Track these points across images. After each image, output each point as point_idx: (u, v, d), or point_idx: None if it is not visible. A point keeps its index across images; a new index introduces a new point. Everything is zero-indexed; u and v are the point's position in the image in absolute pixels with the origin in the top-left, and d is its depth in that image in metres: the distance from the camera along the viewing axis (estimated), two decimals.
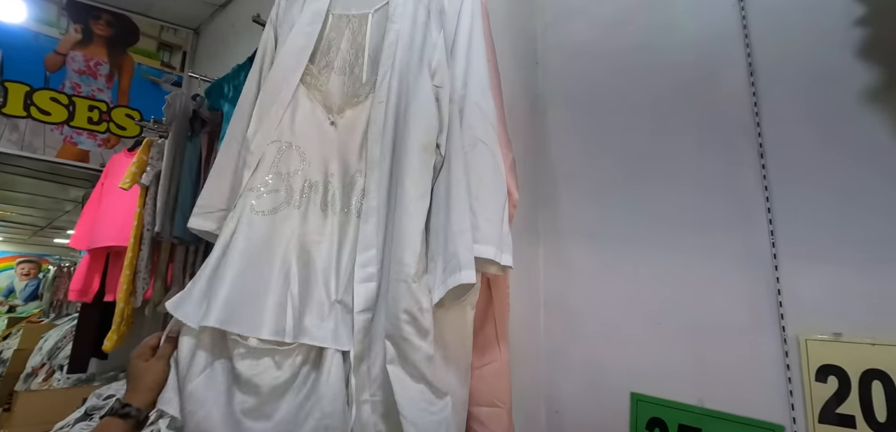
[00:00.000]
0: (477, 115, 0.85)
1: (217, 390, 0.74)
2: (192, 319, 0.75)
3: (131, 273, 1.76)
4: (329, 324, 0.79)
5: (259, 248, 0.81)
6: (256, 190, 0.85)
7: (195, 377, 0.74)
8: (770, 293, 0.94)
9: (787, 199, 0.95)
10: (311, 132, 0.89)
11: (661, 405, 1.07)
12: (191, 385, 0.73)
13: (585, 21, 1.34)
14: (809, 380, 0.88)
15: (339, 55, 0.95)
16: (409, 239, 0.74)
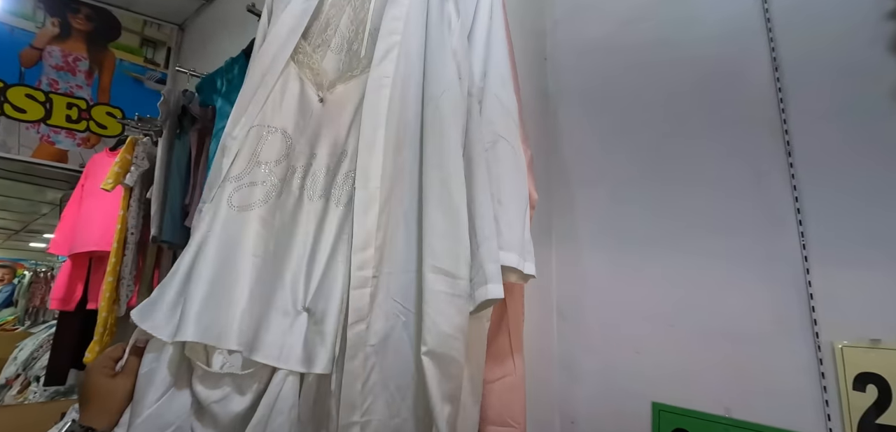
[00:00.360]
0: (497, 109, 0.79)
1: (172, 422, 0.65)
2: (164, 331, 0.66)
3: (115, 279, 1.66)
4: (291, 339, 0.69)
5: (234, 247, 0.73)
6: (234, 180, 0.76)
7: (150, 404, 0.64)
8: (801, 298, 0.90)
9: (818, 200, 0.91)
10: (299, 113, 0.81)
11: (685, 415, 1.02)
12: (144, 413, 0.64)
13: (597, 16, 1.29)
14: (847, 390, 0.84)
15: (338, 32, 0.86)
16: (463, 245, 0.66)
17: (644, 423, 1.06)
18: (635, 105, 1.17)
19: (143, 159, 1.67)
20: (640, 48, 1.19)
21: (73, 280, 2.05)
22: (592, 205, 1.20)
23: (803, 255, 0.91)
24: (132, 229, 1.70)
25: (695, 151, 1.06)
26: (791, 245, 0.92)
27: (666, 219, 1.08)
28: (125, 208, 1.70)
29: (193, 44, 3.09)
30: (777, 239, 0.93)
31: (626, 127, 1.18)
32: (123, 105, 3.01)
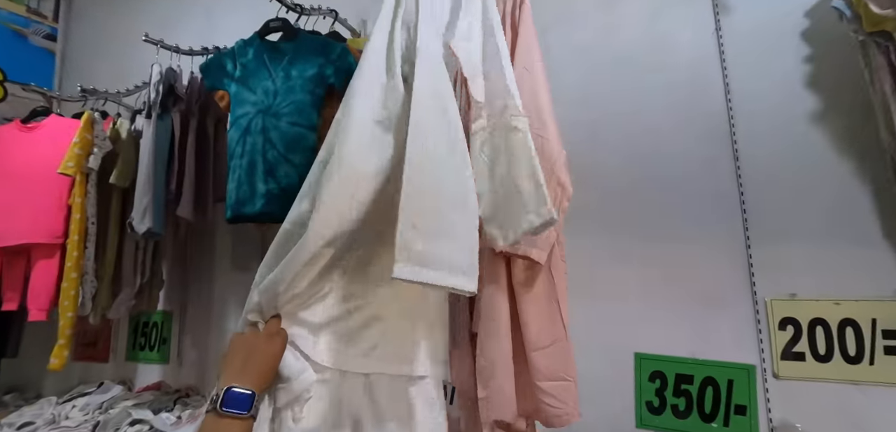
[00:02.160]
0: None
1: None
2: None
3: (78, 275, 1.46)
4: None
5: None
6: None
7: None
8: (745, 270, 1.25)
9: (757, 200, 1.25)
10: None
11: (660, 360, 1.33)
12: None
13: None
14: (774, 330, 1.21)
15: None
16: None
17: (629, 369, 1.34)
18: (618, 113, 1.42)
19: (104, 140, 1.47)
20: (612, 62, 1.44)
21: None
22: (585, 200, 1.44)
23: (746, 241, 1.25)
24: (92, 218, 1.49)
25: (669, 155, 1.35)
26: (738, 234, 1.25)
27: (649, 211, 1.36)
28: (82, 195, 1.48)
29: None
30: (728, 230, 1.26)
31: (613, 129, 1.42)
32: (4, 64, 2.48)
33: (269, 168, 1.10)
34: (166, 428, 1.46)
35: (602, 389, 1.33)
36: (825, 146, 1.20)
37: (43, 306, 1.63)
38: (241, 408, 0.63)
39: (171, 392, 1.79)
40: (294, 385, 0.69)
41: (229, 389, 0.63)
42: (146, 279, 1.64)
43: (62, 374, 2.25)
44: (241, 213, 1.11)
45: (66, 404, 1.72)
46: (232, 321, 1.80)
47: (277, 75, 1.18)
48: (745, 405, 1.22)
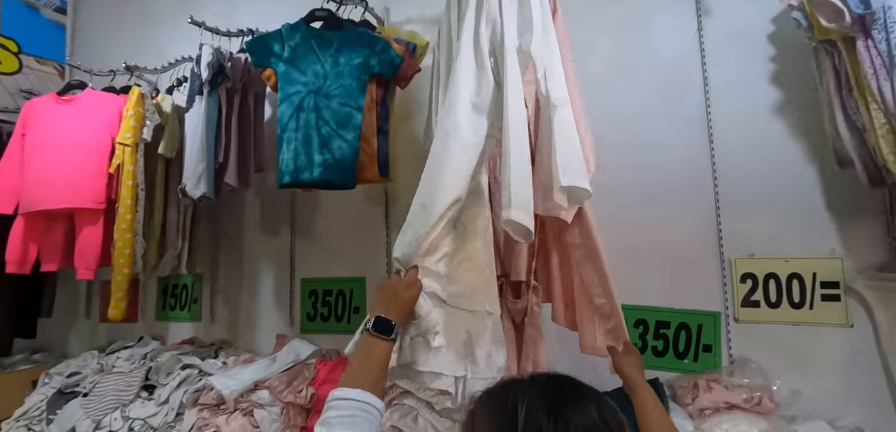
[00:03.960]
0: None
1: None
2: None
3: (133, 236, 1.62)
4: None
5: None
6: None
7: (429, 311, 0.95)
8: (715, 233, 1.50)
9: (727, 174, 1.51)
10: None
11: (642, 309, 1.59)
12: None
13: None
14: (736, 283, 1.48)
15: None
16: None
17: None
18: (614, 96, 1.64)
19: (153, 113, 1.61)
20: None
21: (27, 240, 1.83)
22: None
23: (717, 211, 1.50)
24: (141, 185, 1.64)
25: (655, 145, 1.58)
26: (710, 205, 1.51)
27: (636, 189, 1.59)
28: (133, 164, 1.61)
29: None
30: (703, 202, 1.51)
31: (609, 117, 1.65)
32: (17, 35, 2.52)
33: (323, 141, 1.29)
34: (214, 371, 1.65)
35: None
36: (783, 133, 1.45)
37: (91, 266, 1.78)
38: (386, 333, 0.83)
39: (206, 345, 1.97)
40: (423, 322, 0.91)
41: (378, 317, 0.84)
42: (187, 242, 1.80)
43: (89, 336, 2.41)
44: (299, 179, 1.29)
45: (111, 356, 1.88)
46: (262, 280, 1.98)
47: (326, 60, 1.35)
48: (711, 344, 1.49)
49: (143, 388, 1.63)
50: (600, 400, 0.58)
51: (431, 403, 1.22)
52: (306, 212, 1.90)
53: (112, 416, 1.52)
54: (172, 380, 1.62)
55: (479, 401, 0.63)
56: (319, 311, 1.82)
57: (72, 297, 2.45)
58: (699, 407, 1.34)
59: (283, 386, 1.46)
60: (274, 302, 1.94)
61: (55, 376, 1.80)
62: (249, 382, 1.48)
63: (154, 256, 1.72)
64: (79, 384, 1.72)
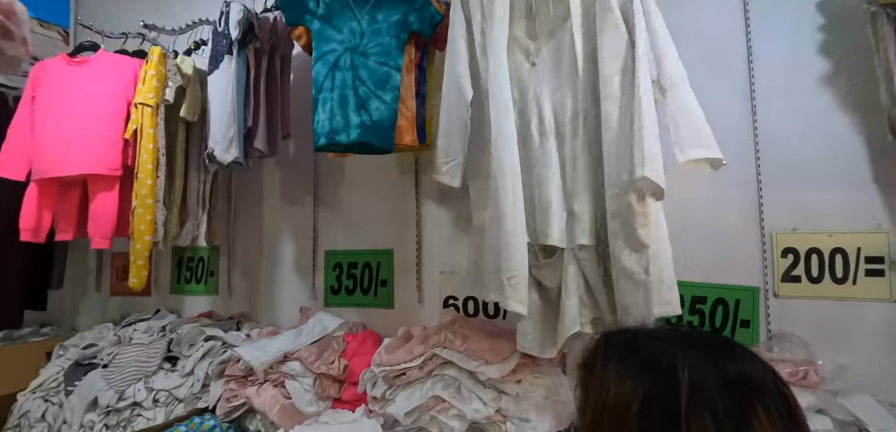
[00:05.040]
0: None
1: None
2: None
3: (154, 202, 1.55)
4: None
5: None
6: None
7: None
8: (755, 208, 1.48)
9: (770, 146, 1.47)
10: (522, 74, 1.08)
11: (679, 285, 1.56)
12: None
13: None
14: (777, 257, 1.45)
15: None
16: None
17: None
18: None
19: (175, 74, 1.54)
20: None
21: (42, 208, 1.76)
22: None
23: (758, 184, 1.47)
24: (162, 149, 1.57)
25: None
26: (751, 178, 1.47)
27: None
28: (154, 127, 1.54)
29: None
30: (744, 175, 1.48)
31: None
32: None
33: (360, 102, 1.23)
34: (238, 343, 1.60)
35: None
36: (830, 105, 1.41)
37: (106, 234, 1.72)
38: None
39: (224, 319, 1.92)
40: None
41: None
42: (207, 211, 1.74)
43: (100, 309, 2.35)
44: (336, 141, 1.23)
45: (127, 328, 1.83)
46: (283, 252, 1.93)
47: (362, 17, 1.29)
48: (749, 319, 1.47)
49: (165, 359, 1.58)
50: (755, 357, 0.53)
51: (475, 373, 1.19)
52: (330, 181, 1.85)
53: (135, 387, 1.47)
54: (196, 352, 1.57)
55: (611, 359, 0.55)
56: (344, 284, 1.78)
57: (81, 270, 2.38)
58: None
59: (313, 358, 1.43)
60: (295, 274, 1.90)
61: (71, 348, 1.75)
62: (278, 353, 1.44)
63: (174, 225, 1.66)
64: (96, 356, 1.67)
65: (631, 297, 1.05)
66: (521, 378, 1.18)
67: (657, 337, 0.58)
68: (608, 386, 0.53)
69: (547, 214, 1.09)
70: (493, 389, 1.18)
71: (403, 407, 1.20)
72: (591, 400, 0.55)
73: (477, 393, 1.16)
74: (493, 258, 1.06)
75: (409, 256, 1.68)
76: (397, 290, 1.70)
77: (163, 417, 1.43)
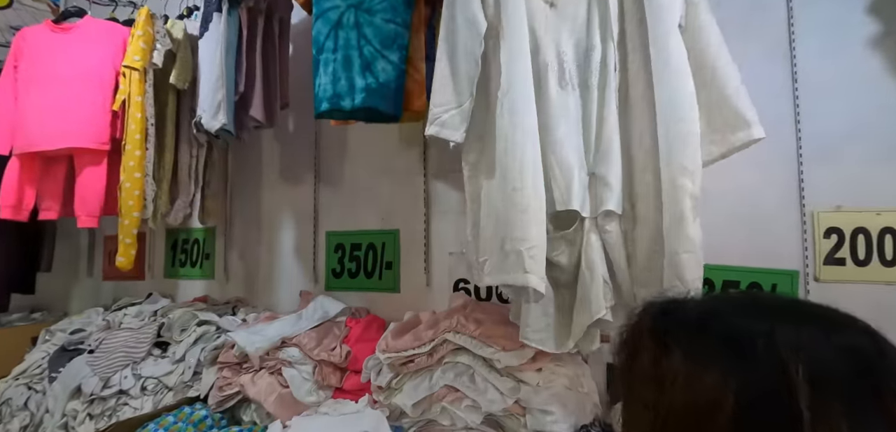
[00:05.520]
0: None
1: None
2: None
3: (143, 175, 1.44)
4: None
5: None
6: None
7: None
8: (795, 185, 1.35)
9: (812, 117, 1.34)
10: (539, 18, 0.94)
11: (709, 268, 1.43)
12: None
13: None
14: (819, 238, 1.33)
15: None
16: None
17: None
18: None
19: (164, 36, 1.42)
20: None
21: (23, 184, 1.66)
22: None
23: (799, 159, 1.35)
24: (151, 119, 1.46)
25: None
26: (791, 152, 1.35)
27: None
28: (141, 94, 1.43)
29: None
30: (783, 148, 1.35)
31: None
32: None
33: (366, 63, 1.11)
34: (234, 328, 1.50)
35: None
36: (880, 70, 1.29)
37: (93, 212, 1.61)
38: None
39: (220, 303, 1.82)
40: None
41: None
42: (200, 187, 1.63)
43: (92, 294, 2.25)
44: (339, 106, 1.12)
45: (117, 312, 1.73)
46: (282, 234, 1.81)
47: None
48: None
49: (155, 345, 1.48)
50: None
51: (491, 361, 1.08)
52: (332, 157, 1.73)
53: (122, 374, 1.37)
54: (188, 337, 1.47)
55: (672, 341, 0.39)
56: (347, 267, 1.66)
57: (73, 252, 2.28)
58: None
59: (313, 344, 1.32)
60: (295, 257, 1.79)
61: (57, 333, 1.65)
62: (276, 339, 1.33)
63: (165, 202, 1.55)
64: (83, 341, 1.57)
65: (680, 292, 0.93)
66: (541, 366, 1.06)
67: (732, 308, 0.43)
68: (673, 379, 0.38)
69: (566, 175, 0.94)
70: (510, 378, 1.06)
71: (411, 397, 1.09)
72: (644, 399, 0.40)
73: (493, 383, 1.05)
74: (502, 230, 0.91)
75: (416, 236, 1.56)
76: (404, 273, 1.58)
77: (151, 406, 1.33)
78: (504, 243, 0.91)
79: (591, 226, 0.96)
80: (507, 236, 0.90)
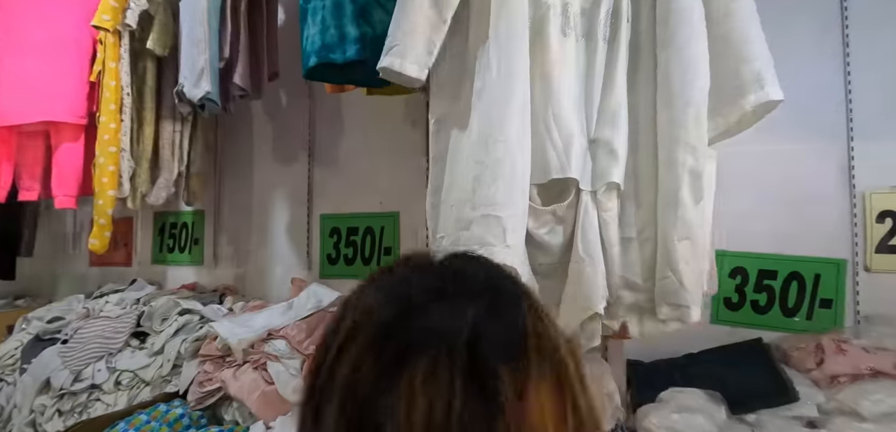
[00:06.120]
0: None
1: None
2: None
3: (118, 149, 1.32)
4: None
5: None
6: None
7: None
8: (844, 162, 1.20)
9: (865, 85, 1.19)
10: None
11: (741, 256, 1.30)
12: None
13: None
14: (871, 223, 1.18)
15: None
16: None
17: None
18: None
19: None
20: None
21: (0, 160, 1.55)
22: None
23: (849, 130, 1.19)
24: (127, 88, 1.33)
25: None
26: (841, 124, 1.20)
27: None
28: (116, 59, 1.31)
29: None
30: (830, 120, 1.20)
31: None
32: None
33: (360, 9, 0.97)
34: (218, 318, 1.38)
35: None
36: None
37: (70, 192, 1.49)
38: None
39: (208, 291, 1.70)
40: None
41: None
42: (184, 166, 1.50)
43: (79, 280, 2.14)
44: (329, 60, 0.98)
45: (98, 300, 1.61)
46: (274, 217, 1.69)
47: None
48: (831, 298, 1.21)
49: (133, 336, 1.36)
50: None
51: None
52: (328, 134, 1.60)
53: (95, 367, 1.25)
54: (168, 327, 1.35)
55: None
56: (343, 253, 1.54)
57: (60, 236, 2.18)
58: (829, 373, 1.06)
59: (303, 336, 1.19)
60: (288, 242, 1.66)
61: (34, 321, 1.53)
62: (262, 330, 1.21)
63: (145, 181, 1.42)
64: (60, 330, 1.45)
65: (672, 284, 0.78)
66: None
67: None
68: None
69: (565, 137, 0.78)
70: None
71: None
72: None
73: None
74: (472, 194, 0.75)
75: (417, 220, 1.43)
76: None
77: (125, 402, 1.21)
78: (475, 209, 0.75)
79: (589, 200, 0.80)
80: (480, 201, 0.74)
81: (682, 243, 0.77)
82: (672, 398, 1.03)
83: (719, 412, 1.01)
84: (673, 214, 0.77)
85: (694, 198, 0.77)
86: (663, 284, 0.79)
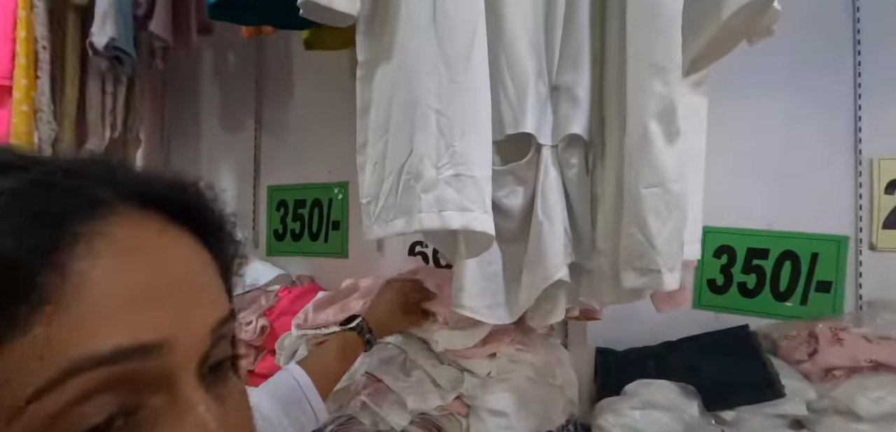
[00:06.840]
0: None
1: None
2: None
3: (30, 109, 1.19)
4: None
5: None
6: None
7: None
8: (849, 123, 1.03)
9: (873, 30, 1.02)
10: None
11: (728, 233, 1.14)
12: None
13: None
14: (879, 194, 1.01)
15: None
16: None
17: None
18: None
19: None
20: None
21: None
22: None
23: (856, 88, 1.03)
24: (42, 41, 1.21)
25: None
26: (847, 81, 1.03)
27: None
28: (28, 8, 1.18)
29: None
30: (835, 74, 1.04)
31: None
32: None
33: None
34: None
35: None
36: None
37: None
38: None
39: None
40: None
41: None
42: (117, 133, 1.37)
43: None
44: None
45: None
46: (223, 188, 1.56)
47: None
48: (830, 281, 1.05)
49: None
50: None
51: (429, 343, 0.81)
52: (276, 99, 1.46)
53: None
54: None
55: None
56: (290, 227, 1.40)
57: None
58: (822, 365, 0.91)
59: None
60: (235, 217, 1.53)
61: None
62: None
63: (69, 145, 1.30)
64: None
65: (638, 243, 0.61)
66: (495, 350, 0.78)
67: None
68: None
69: (519, 84, 0.65)
70: (454, 366, 0.79)
71: None
72: None
73: (428, 372, 0.78)
74: (437, 145, 0.60)
75: None
76: (353, 235, 1.32)
77: None
78: (440, 169, 0.60)
79: (550, 156, 0.66)
80: (449, 159, 0.59)
81: (651, 191, 0.59)
82: (637, 392, 0.89)
83: (691, 407, 0.87)
84: (639, 155, 0.61)
85: (666, 135, 0.61)
86: (628, 243, 0.62)
